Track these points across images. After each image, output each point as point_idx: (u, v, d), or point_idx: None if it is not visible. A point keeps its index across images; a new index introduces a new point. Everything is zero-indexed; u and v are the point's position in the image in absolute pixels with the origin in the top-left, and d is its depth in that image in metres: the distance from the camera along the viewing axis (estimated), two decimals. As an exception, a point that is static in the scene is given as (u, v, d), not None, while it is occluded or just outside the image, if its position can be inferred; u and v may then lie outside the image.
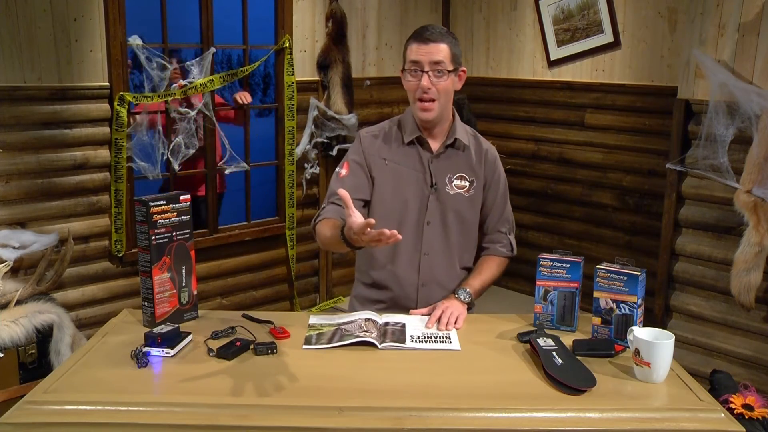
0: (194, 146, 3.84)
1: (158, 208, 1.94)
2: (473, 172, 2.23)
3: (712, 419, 1.53)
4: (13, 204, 3.29)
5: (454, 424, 1.51)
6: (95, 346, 1.84)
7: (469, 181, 2.22)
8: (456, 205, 2.21)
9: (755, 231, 3.12)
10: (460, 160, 2.22)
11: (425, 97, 2.09)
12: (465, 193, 2.21)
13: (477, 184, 2.23)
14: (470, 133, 2.28)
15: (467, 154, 2.23)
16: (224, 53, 8.81)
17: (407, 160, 2.20)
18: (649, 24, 4.04)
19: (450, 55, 2.09)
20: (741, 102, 3.16)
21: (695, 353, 3.54)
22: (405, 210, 2.20)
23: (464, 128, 2.27)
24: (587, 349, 1.83)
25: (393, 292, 2.25)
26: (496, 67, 4.84)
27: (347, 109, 4.32)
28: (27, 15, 3.20)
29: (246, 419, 1.50)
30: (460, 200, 2.21)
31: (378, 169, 2.21)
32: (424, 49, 2.07)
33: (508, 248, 2.31)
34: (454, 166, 2.22)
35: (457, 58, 2.13)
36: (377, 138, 2.23)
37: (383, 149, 2.22)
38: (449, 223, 2.21)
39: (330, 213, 2.13)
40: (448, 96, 2.14)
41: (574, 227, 4.53)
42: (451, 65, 2.10)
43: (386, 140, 2.23)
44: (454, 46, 2.12)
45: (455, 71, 2.13)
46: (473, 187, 2.23)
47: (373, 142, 2.23)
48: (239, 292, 4.28)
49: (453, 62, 2.11)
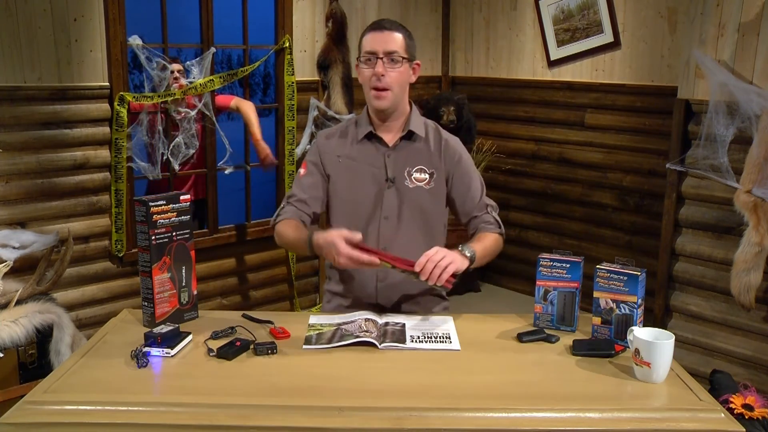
0: (194, 146, 3.84)
1: (158, 208, 1.94)
2: (432, 164, 2.20)
3: (712, 419, 1.53)
4: (13, 204, 3.29)
5: (454, 424, 1.51)
6: (95, 346, 1.84)
7: (428, 173, 2.19)
8: (416, 198, 2.18)
9: (755, 231, 3.12)
10: (418, 152, 2.20)
11: (379, 85, 2.12)
12: (425, 186, 2.18)
13: (437, 176, 2.19)
14: (431, 126, 2.25)
15: (425, 146, 2.21)
16: (224, 53, 8.82)
17: (363, 155, 2.22)
18: (649, 24, 4.04)
19: (404, 45, 2.14)
20: (741, 102, 3.16)
21: (695, 353, 3.54)
22: (360, 205, 2.21)
23: (422, 121, 2.25)
24: (587, 349, 1.83)
25: (354, 289, 2.24)
26: (496, 67, 4.84)
27: (347, 109, 4.32)
28: (27, 15, 3.20)
29: (246, 419, 1.50)
30: (420, 193, 2.18)
31: (332, 167, 2.23)
32: (378, 38, 2.12)
33: (495, 225, 2.22)
34: (412, 159, 2.20)
35: (411, 49, 2.16)
36: (332, 137, 2.27)
37: (338, 147, 2.24)
38: (408, 218, 2.19)
39: (289, 214, 2.21)
40: (401, 86, 2.16)
41: (574, 227, 4.53)
42: (405, 54, 2.14)
43: (342, 138, 2.26)
44: (408, 38, 2.16)
45: (409, 61, 2.16)
46: (433, 179, 2.19)
47: (327, 142, 2.26)
48: (239, 292, 4.28)
49: (407, 52, 2.15)
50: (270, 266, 4.39)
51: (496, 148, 4.71)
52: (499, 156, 4.72)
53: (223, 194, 4.26)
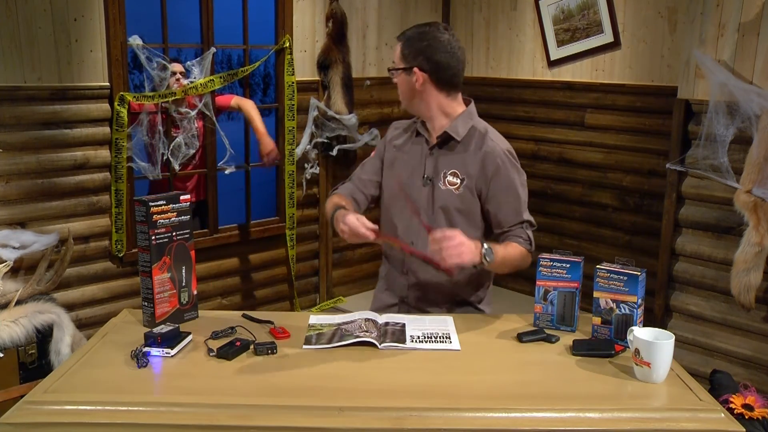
0: (194, 146, 3.84)
1: (158, 208, 1.94)
2: (465, 170, 2.19)
3: (712, 419, 1.53)
4: (13, 204, 3.29)
5: (454, 424, 1.51)
6: (95, 346, 1.84)
7: (460, 179, 2.19)
8: (444, 201, 2.19)
9: (755, 231, 3.12)
10: (456, 156, 2.20)
11: None
12: (455, 191, 2.18)
13: (468, 182, 2.18)
14: (480, 131, 2.23)
15: (463, 150, 2.20)
16: (224, 53, 8.81)
17: (411, 150, 2.28)
18: (649, 24, 4.04)
19: (400, 55, 2.17)
20: (741, 102, 3.16)
21: (695, 353, 3.54)
22: (396, 197, 2.27)
23: (470, 125, 2.22)
24: (587, 349, 1.83)
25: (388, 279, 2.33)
26: (496, 67, 4.84)
27: (347, 109, 4.32)
28: (27, 15, 3.20)
29: (246, 419, 1.50)
30: (448, 196, 2.18)
31: (388, 156, 2.32)
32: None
33: (527, 242, 2.18)
34: (449, 162, 2.20)
35: (408, 57, 2.15)
36: (399, 128, 2.37)
37: (398, 138, 2.33)
38: (437, 217, 2.20)
39: (343, 190, 2.34)
40: (405, 95, 2.21)
41: (574, 227, 4.53)
42: (401, 64, 2.16)
43: (405, 131, 2.34)
44: (406, 46, 2.15)
45: (406, 70, 2.15)
46: (463, 185, 2.18)
47: (394, 132, 2.36)
48: (239, 292, 4.28)
49: (403, 61, 2.16)
50: (270, 266, 4.39)
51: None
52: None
53: (223, 194, 4.26)
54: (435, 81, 2.15)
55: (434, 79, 2.14)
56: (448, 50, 2.13)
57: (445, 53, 2.12)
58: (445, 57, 2.12)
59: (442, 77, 2.15)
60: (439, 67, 2.13)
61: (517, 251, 2.13)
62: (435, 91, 2.16)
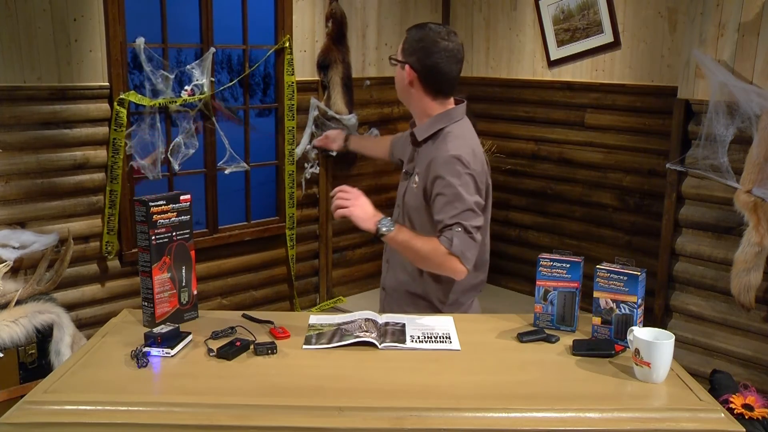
0: (194, 146, 3.84)
1: (158, 208, 1.94)
2: (422, 171, 2.21)
3: (712, 419, 1.53)
4: (13, 204, 3.29)
5: (454, 424, 1.51)
6: (95, 346, 1.84)
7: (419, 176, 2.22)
8: (407, 198, 2.27)
9: (755, 231, 3.12)
10: (421, 156, 2.25)
11: None
12: (415, 189, 2.23)
13: (419, 181, 2.21)
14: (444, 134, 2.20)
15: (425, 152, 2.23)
16: (224, 53, 8.80)
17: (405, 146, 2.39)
18: (649, 24, 4.04)
19: (401, 47, 2.20)
20: (741, 102, 3.16)
21: (695, 353, 3.54)
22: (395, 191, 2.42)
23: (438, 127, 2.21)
24: (587, 349, 1.83)
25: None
26: (496, 67, 4.84)
27: (347, 109, 4.32)
28: (27, 15, 3.20)
29: (246, 419, 1.50)
30: (410, 194, 2.26)
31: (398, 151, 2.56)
32: None
33: (447, 240, 2.07)
34: (419, 161, 2.26)
35: (406, 52, 2.17)
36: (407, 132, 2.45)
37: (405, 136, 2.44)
38: (404, 211, 2.29)
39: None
40: (397, 84, 2.25)
41: (574, 227, 4.53)
42: (400, 57, 2.19)
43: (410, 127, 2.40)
44: (407, 41, 2.18)
45: (401, 64, 2.19)
46: (419, 186, 2.22)
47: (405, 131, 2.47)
48: (239, 292, 4.28)
49: (401, 54, 2.19)
50: (270, 266, 4.39)
51: (496, 148, 4.71)
52: (499, 156, 4.72)
53: (223, 194, 4.26)
54: (423, 82, 2.17)
55: (422, 80, 2.17)
56: (444, 57, 2.13)
57: (440, 59, 2.13)
58: (438, 63, 2.13)
59: (430, 81, 2.17)
60: (430, 71, 2.15)
61: (429, 244, 2.07)
62: (421, 92, 2.19)
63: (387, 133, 4.35)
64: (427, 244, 2.08)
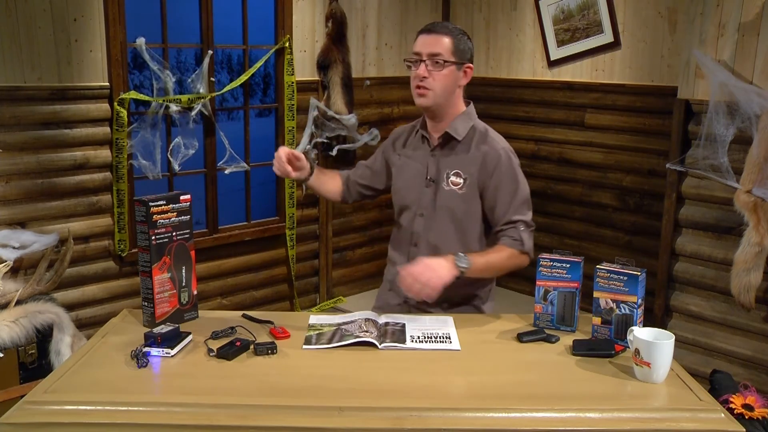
0: (194, 146, 3.84)
1: (158, 208, 1.94)
2: (467, 169, 2.20)
3: (712, 419, 1.53)
4: (13, 204, 3.29)
5: (454, 424, 1.51)
6: (95, 346, 1.84)
7: (463, 178, 2.20)
8: (447, 202, 2.21)
9: (755, 231, 3.12)
10: (458, 156, 2.22)
11: (420, 84, 2.17)
12: (458, 191, 2.20)
13: (470, 182, 2.19)
14: (480, 131, 2.25)
15: (464, 150, 2.22)
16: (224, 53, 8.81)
17: (416, 153, 2.31)
18: (649, 24, 4.04)
19: (452, 48, 2.16)
20: (741, 102, 3.16)
21: (695, 353, 3.54)
22: (403, 199, 2.32)
23: (470, 124, 2.24)
24: (587, 349, 1.83)
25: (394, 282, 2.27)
26: (496, 67, 4.84)
27: (347, 109, 4.32)
28: (27, 15, 3.20)
29: (246, 419, 1.50)
30: (452, 197, 2.20)
31: (394, 161, 2.38)
32: (426, 40, 2.17)
33: (518, 242, 2.16)
34: (452, 162, 2.22)
35: (461, 53, 2.17)
36: (404, 133, 2.41)
37: (402, 142, 2.38)
38: (441, 218, 2.22)
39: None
40: (444, 89, 2.17)
41: (574, 227, 4.53)
42: (452, 57, 2.16)
43: (408, 135, 2.38)
44: (459, 42, 2.17)
45: (457, 65, 2.16)
46: (466, 185, 2.20)
47: (397, 137, 2.42)
48: (239, 292, 4.28)
49: (454, 55, 2.16)
50: (270, 266, 4.39)
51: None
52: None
53: (223, 194, 4.25)
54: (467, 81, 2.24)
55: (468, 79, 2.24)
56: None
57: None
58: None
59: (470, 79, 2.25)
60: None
61: (501, 254, 2.13)
62: (461, 90, 2.24)
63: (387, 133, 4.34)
64: (502, 256, 2.13)
